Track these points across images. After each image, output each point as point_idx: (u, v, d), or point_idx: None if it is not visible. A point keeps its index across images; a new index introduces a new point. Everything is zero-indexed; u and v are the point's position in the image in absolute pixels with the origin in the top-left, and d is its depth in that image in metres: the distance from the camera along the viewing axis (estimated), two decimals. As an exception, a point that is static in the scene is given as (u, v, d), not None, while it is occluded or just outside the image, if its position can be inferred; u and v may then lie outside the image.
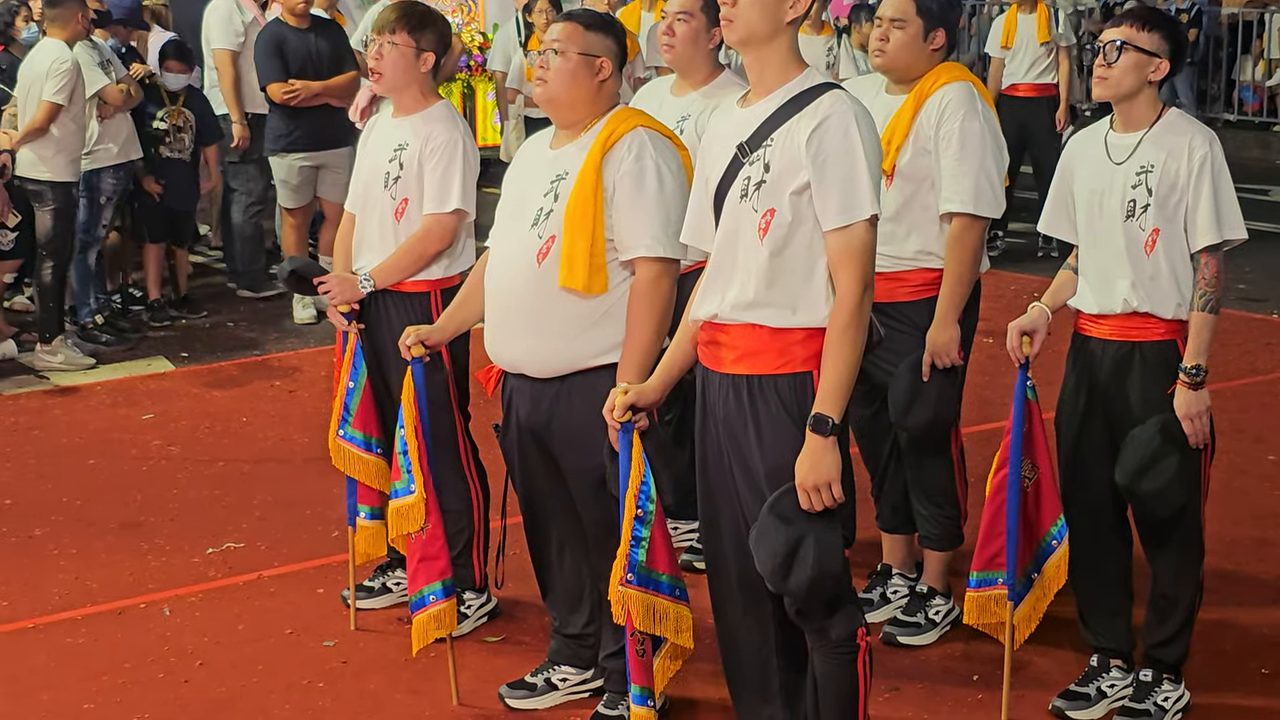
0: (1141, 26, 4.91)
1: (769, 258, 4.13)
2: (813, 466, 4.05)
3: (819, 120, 4.07)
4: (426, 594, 5.23)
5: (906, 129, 5.46)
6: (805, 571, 4.05)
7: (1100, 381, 5.02)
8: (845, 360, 4.05)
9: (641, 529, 4.40)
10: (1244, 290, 10.70)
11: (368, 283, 5.69)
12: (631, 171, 4.69)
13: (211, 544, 6.76)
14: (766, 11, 4.13)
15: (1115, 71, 4.90)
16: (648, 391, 4.47)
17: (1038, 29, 12.32)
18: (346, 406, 5.69)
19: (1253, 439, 7.70)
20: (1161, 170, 4.85)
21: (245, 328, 10.65)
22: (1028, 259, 11.43)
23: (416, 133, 5.72)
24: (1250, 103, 18.75)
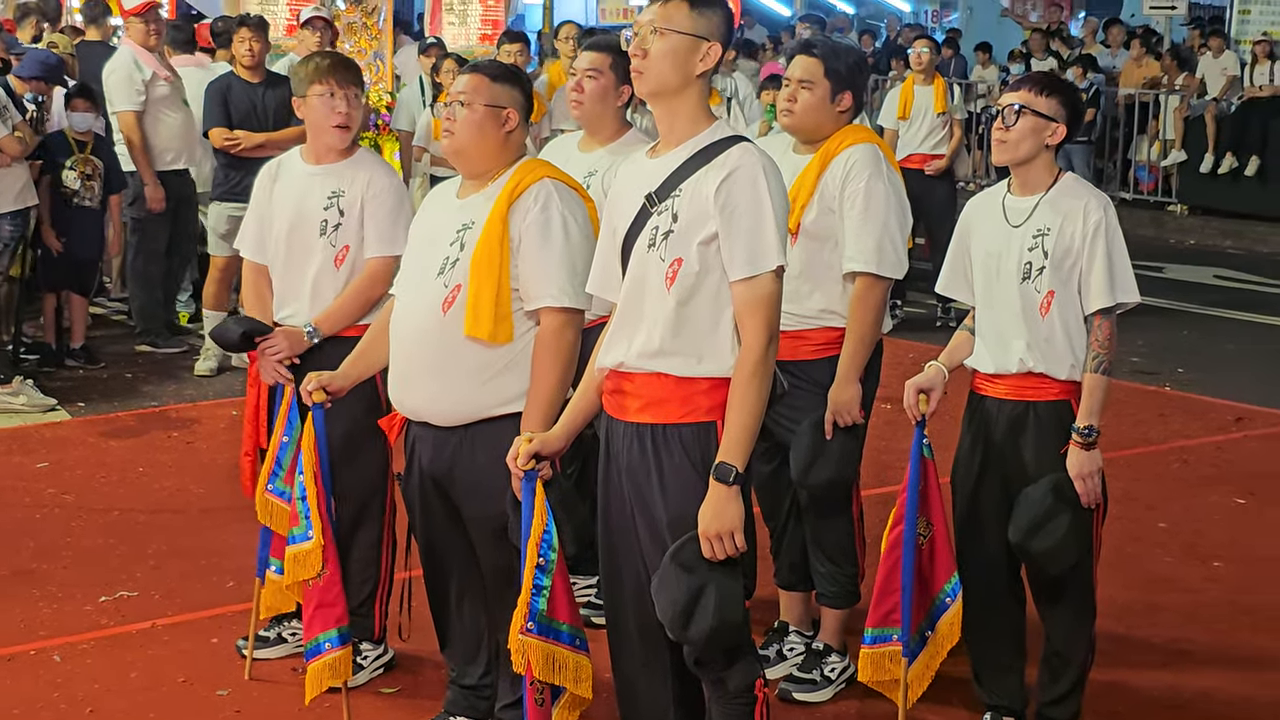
0: (1039, 91, 5.00)
1: (675, 307, 4.16)
2: (715, 515, 4.06)
3: (727, 171, 4.11)
4: (322, 641, 5.19)
5: (812, 188, 5.51)
6: (706, 620, 4.06)
7: (995, 440, 5.09)
8: (750, 410, 4.08)
9: (543, 578, 4.39)
10: (1137, 363, 10.89)
11: (315, 333, 5.66)
12: (537, 221, 4.71)
13: (105, 592, 6.68)
14: (677, 64, 4.18)
15: (1013, 135, 4.98)
16: (551, 440, 4.47)
17: (934, 100, 12.55)
18: (279, 460, 5.57)
19: (1145, 506, 7.81)
20: (1058, 234, 4.92)
21: (143, 378, 10.54)
22: (926, 328, 11.55)
23: (353, 179, 5.72)
24: (1145, 182, 19.10)
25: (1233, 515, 7.93)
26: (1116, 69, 19.76)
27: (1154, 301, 13.36)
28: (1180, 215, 18.40)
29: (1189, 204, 18.39)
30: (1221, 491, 8.28)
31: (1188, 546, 7.39)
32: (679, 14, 4.18)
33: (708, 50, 4.19)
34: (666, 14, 4.19)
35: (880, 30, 27.19)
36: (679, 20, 4.18)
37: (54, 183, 10.35)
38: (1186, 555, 7.28)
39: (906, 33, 24.24)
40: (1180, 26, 21.73)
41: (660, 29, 4.18)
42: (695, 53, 4.18)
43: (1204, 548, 7.38)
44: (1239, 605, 6.70)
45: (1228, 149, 17.70)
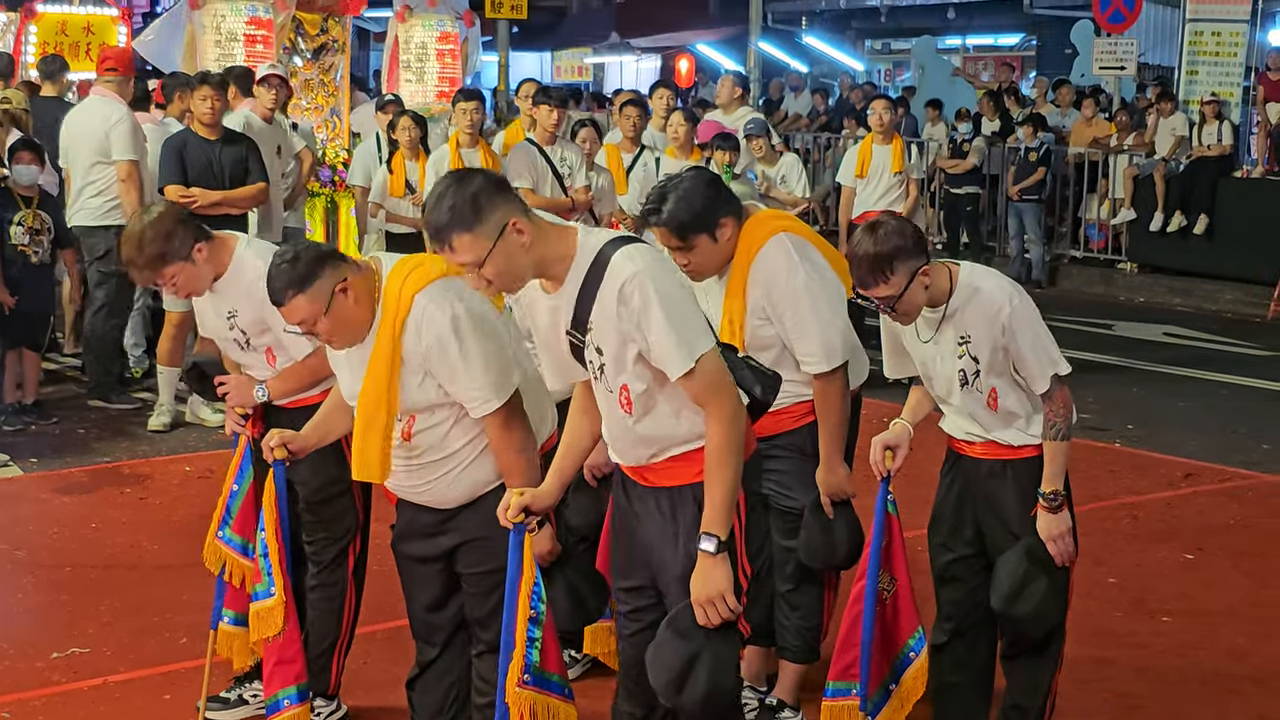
0: (882, 277, 4.88)
1: (640, 424, 4.34)
2: (704, 582, 4.19)
3: (617, 290, 4.18)
4: (281, 698, 5.21)
5: (742, 309, 5.42)
6: (699, 687, 4.18)
7: (976, 491, 5.17)
8: (727, 482, 4.22)
9: (535, 630, 4.47)
10: (1087, 419, 10.95)
11: (263, 391, 5.68)
12: (433, 344, 4.67)
13: (57, 649, 6.65)
14: (511, 262, 4.23)
15: (903, 310, 4.96)
16: (542, 495, 4.57)
17: (892, 159, 12.68)
18: (228, 508, 5.63)
19: (1094, 562, 7.87)
20: (978, 341, 4.96)
21: (96, 434, 10.52)
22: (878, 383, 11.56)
23: (236, 299, 5.67)
24: (1096, 240, 19.25)
25: (1182, 570, 8.00)
26: (1066, 128, 19.96)
27: (1104, 359, 13.51)
28: (1130, 273, 18.56)
29: (1138, 262, 18.55)
30: (1171, 547, 8.35)
31: (1137, 601, 7.45)
32: (468, 242, 4.20)
33: (514, 227, 4.20)
34: (463, 250, 4.21)
35: (834, 89, 27.36)
36: (475, 246, 4.20)
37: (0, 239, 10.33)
38: (1136, 610, 7.34)
39: (857, 92, 24.41)
40: (1131, 83, 21.98)
41: (474, 263, 4.21)
42: (510, 243, 4.20)
43: (1153, 602, 7.44)
44: (1188, 659, 6.76)
45: (1176, 208, 17.88)
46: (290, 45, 15.33)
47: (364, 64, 27.98)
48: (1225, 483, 9.73)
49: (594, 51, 35.46)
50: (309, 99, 15.60)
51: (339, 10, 16.13)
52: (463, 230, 4.18)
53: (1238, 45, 19.60)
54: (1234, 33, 19.58)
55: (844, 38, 34.17)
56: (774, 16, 31.78)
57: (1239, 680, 6.56)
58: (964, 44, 33.48)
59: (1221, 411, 11.94)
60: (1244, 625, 7.17)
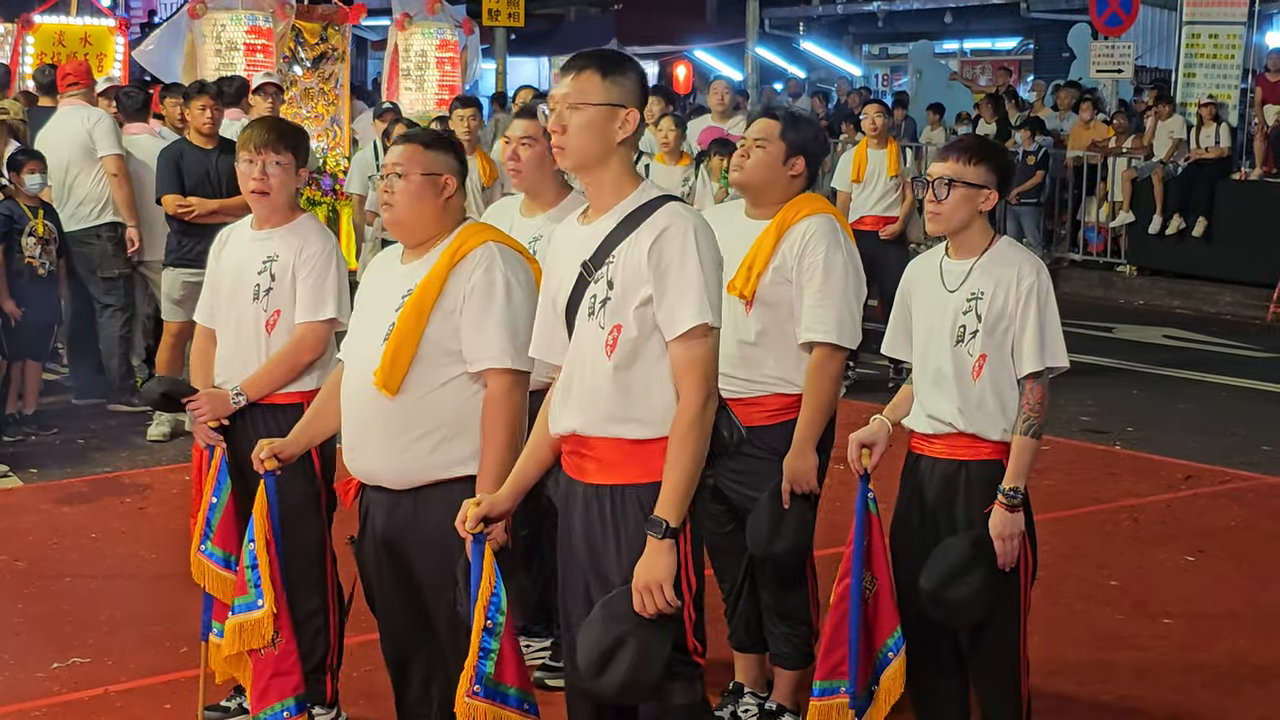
0: (968, 160, 5.01)
1: (616, 372, 4.21)
2: (646, 567, 4.11)
3: (658, 233, 4.16)
4: (279, 710, 5.15)
5: (768, 257, 5.52)
6: (618, 673, 4.10)
7: (929, 498, 5.10)
8: (686, 466, 4.13)
9: (490, 640, 4.38)
10: (1087, 422, 10.98)
11: (240, 397, 5.68)
12: (481, 284, 4.71)
13: (57, 659, 6.65)
14: (596, 135, 4.23)
15: (946, 207, 5.00)
16: (499, 502, 4.48)
17: (888, 164, 12.70)
18: (209, 522, 5.59)
19: (1095, 565, 7.87)
20: (990, 298, 4.95)
21: (96, 444, 10.52)
22: (879, 389, 11.59)
23: (287, 245, 5.75)
24: (1094, 243, 19.26)
25: (1182, 572, 8.00)
26: (1065, 132, 19.97)
27: (1104, 361, 13.51)
28: (1129, 276, 18.57)
29: (1137, 265, 18.56)
30: (1171, 549, 8.35)
31: (1138, 604, 7.45)
32: (592, 86, 4.22)
33: (625, 117, 4.23)
34: (580, 87, 4.23)
35: (832, 94, 27.40)
36: (593, 92, 4.22)
37: (8, 250, 10.33)
38: (1137, 612, 7.34)
39: (854, 97, 24.42)
40: (1129, 86, 21.99)
41: (575, 103, 4.22)
42: (613, 121, 4.22)
43: (1154, 605, 7.44)
44: (1190, 661, 6.76)
45: (1175, 210, 17.89)
46: (290, 54, 15.37)
47: (362, 72, 27.98)
48: (1226, 484, 9.73)
49: (592, 58, 35.41)
50: (309, 107, 15.64)
51: (338, 19, 16.17)
52: (599, 73, 4.21)
53: (1235, 47, 19.60)
54: (1231, 35, 19.58)
55: (841, 43, 34.21)
56: (771, 22, 31.84)
57: (1241, 682, 6.55)
58: (961, 48, 33.53)
59: (1221, 413, 11.94)
60: (1245, 627, 7.16)
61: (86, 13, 17.46)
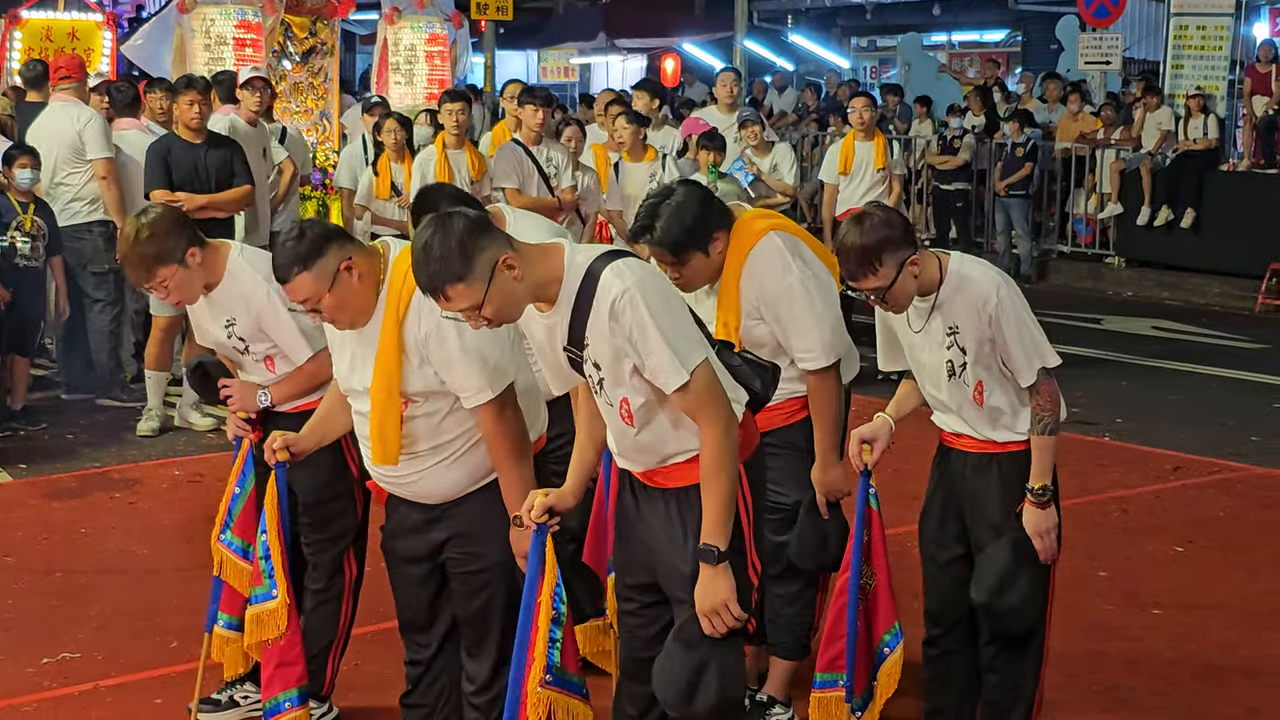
0: (872, 270, 4.86)
1: (643, 432, 4.36)
2: (707, 593, 4.23)
3: (608, 311, 4.18)
4: (281, 701, 5.21)
5: (737, 307, 5.42)
6: (709, 697, 4.23)
7: (962, 487, 5.16)
8: (723, 494, 4.24)
9: (556, 630, 4.47)
10: (1077, 413, 10.96)
11: (265, 396, 5.70)
12: (432, 332, 4.67)
13: (47, 654, 6.64)
14: (508, 301, 4.22)
15: (893, 303, 4.94)
16: (565, 496, 4.58)
17: (875, 156, 12.70)
18: (230, 511, 5.64)
19: (1085, 555, 7.88)
20: (964, 331, 4.96)
21: (85, 439, 10.51)
22: (868, 380, 11.55)
23: (233, 304, 5.66)
24: (1083, 235, 19.28)
25: (1172, 563, 8.02)
26: (1053, 124, 19.98)
27: (1093, 353, 13.54)
28: (1118, 268, 18.59)
29: (1126, 256, 18.58)
30: (1160, 540, 8.37)
31: (1128, 594, 7.47)
32: (463, 292, 4.17)
33: (505, 263, 4.17)
34: (458, 299, 4.18)
35: (821, 86, 27.37)
36: (470, 294, 4.16)
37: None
38: (1126, 603, 7.36)
39: (844, 90, 24.41)
40: (1117, 78, 22.01)
41: (471, 309, 4.19)
42: (502, 279, 4.18)
43: (1144, 595, 7.45)
44: (1179, 652, 6.78)
45: (1163, 202, 17.91)
46: (279, 48, 15.34)
47: (350, 67, 27.96)
48: (1214, 475, 9.75)
49: (580, 52, 35.45)
50: (298, 102, 15.61)
51: (327, 13, 16.14)
52: (455, 280, 4.16)
53: (1222, 39, 19.62)
54: (1219, 26, 19.60)
55: (830, 35, 34.21)
56: (760, 15, 31.80)
57: (1230, 672, 6.57)
58: (949, 40, 33.55)
59: (1210, 404, 11.97)
60: (1234, 618, 7.18)
61: (74, 7, 17.42)
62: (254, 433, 5.69)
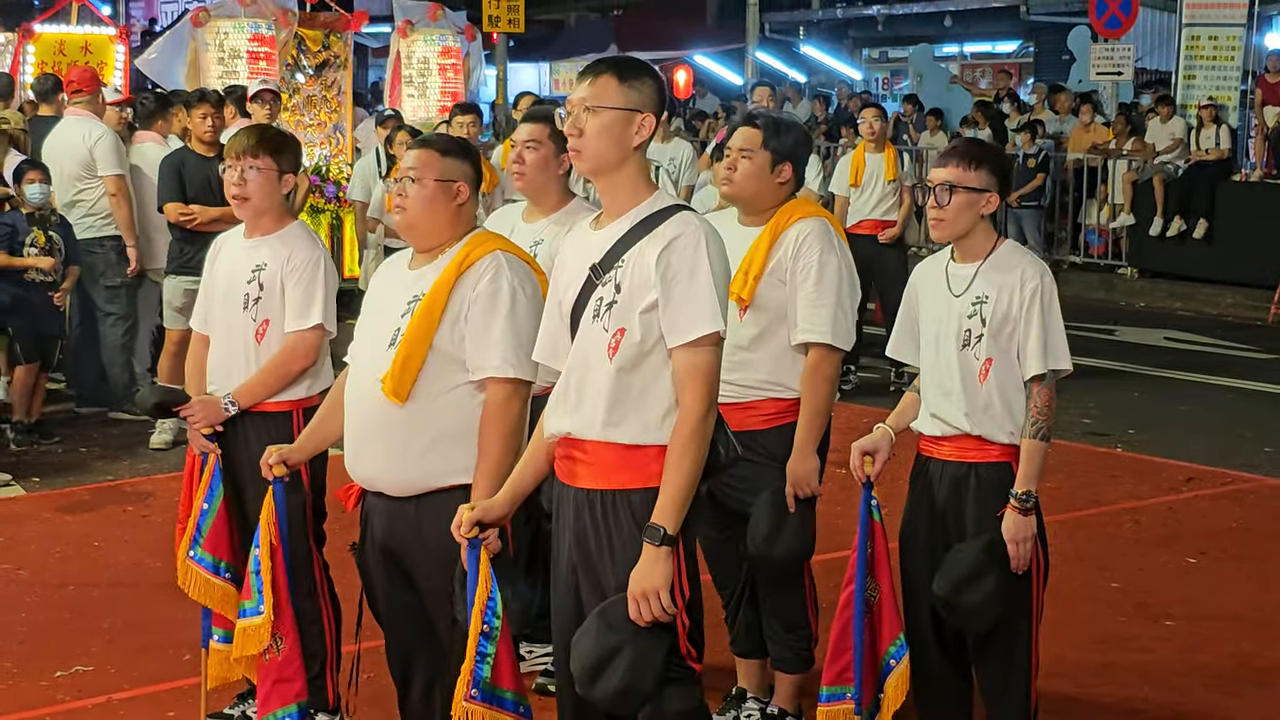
0: (968, 165, 5.01)
1: (617, 375, 4.20)
2: (643, 575, 4.10)
3: (668, 240, 4.16)
4: (281, 716, 5.18)
5: (763, 261, 5.52)
6: (613, 681, 4.09)
7: (938, 501, 5.11)
8: (685, 475, 4.12)
9: (487, 645, 4.40)
10: (1089, 425, 10.98)
11: (231, 405, 5.70)
12: (486, 293, 4.71)
13: (60, 667, 6.66)
14: (613, 140, 4.24)
15: (949, 213, 5.01)
16: (494, 508, 4.48)
17: (886, 167, 12.70)
18: (199, 527, 5.61)
19: (1097, 567, 7.87)
20: (995, 302, 4.96)
21: (98, 453, 10.53)
22: (879, 393, 11.61)
23: (275, 253, 5.75)
24: (1095, 245, 19.28)
25: (1184, 574, 8.01)
26: (1065, 134, 19.97)
27: (1105, 364, 13.52)
28: (1130, 278, 18.58)
29: (1139, 267, 18.59)
30: (1173, 551, 8.36)
31: (1140, 605, 7.46)
32: (610, 89, 4.24)
33: (642, 122, 4.24)
34: (598, 91, 4.24)
35: (832, 98, 27.41)
36: (611, 96, 4.23)
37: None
38: (1139, 614, 7.35)
39: (854, 101, 24.43)
40: (1130, 87, 22.01)
41: (593, 106, 4.23)
42: (630, 126, 4.23)
43: (1156, 607, 7.44)
44: (1191, 663, 6.76)
45: (1175, 212, 17.91)
46: (293, 61, 15.40)
47: (363, 80, 28.01)
48: (1227, 486, 9.73)
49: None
50: (311, 115, 15.66)
51: (340, 27, 16.19)
52: (616, 77, 4.22)
53: (1235, 49, 19.62)
54: (1231, 36, 19.60)
55: (841, 47, 34.21)
56: (771, 27, 31.86)
57: (1242, 684, 6.56)
58: (961, 51, 33.53)
59: (1223, 415, 11.95)
60: (1247, 629, 7.17)
61: (87, 21, 17.50)
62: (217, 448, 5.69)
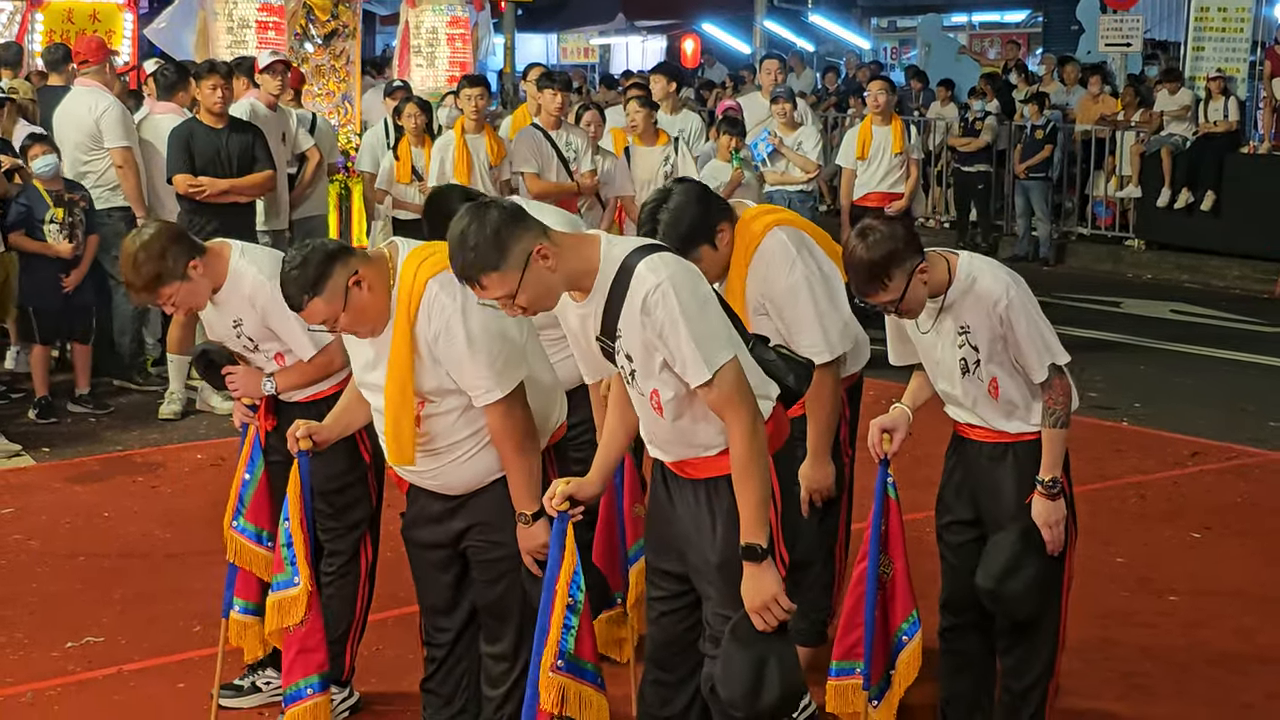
0: (883, 283, 4.89)
1: (674, 423, 4.41)
2: (754, 590, 4.29)
3: (640, 300, 4.23)
4: (303, 687, 5.24)
5: (742, 302, 5.45)
6: (774, 692, 4.31)
7: (977, 474, 5.21)
8: (757, 491, 4.30)
9: (572, 618, 4.52)
10: (1095, 398, 11.01)
11: (269, 384, 5.74)
12: (442, 333, 4.72)
13: (71, 638, 6.71)
14: (542, 290, 4.29)
15: (908, 310, 4.99)
16: (587, 485, 4.64)
17: (892, 140, 12.74)
18: (241, 498, 5.69)
19: (1101, 541, 7.90)
20: (976, 330, 4.99)
21: (108, 423, 10.57)
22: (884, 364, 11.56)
23: (239, 304, 5.69)
24: (1103, 217, 19.25)
25: (1189, 549, 8.04)
26: (1073, 106, 19.94)
27: (1112, 336, 13.52)
28: (1137, 250, 18.57)
29: (1146, 239, 18.56)
30: (1178, 526, 8.39)
31: (1144, 580, 7.49)
32: (498, 281, 4.24)
33: (539, 254, 4.23)
34: (496, 288, 4.25)
35: (840, 67, 27.34)
36: (504, 283, 4.24)
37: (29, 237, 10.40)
38: (1142, 589, 7.38)
39: (863, 72, 24.39)
40: (1139, 58, 21.97)
41: (508, 295, 4.26)
42: (539, 269, 4.24)
43: (1160, 582, 7.48)
44: (1195, 638, 6.81)
45: (1183, 184, 17.88)
46: (301, 31, 15.36)
47: (371, 48, 27.98)
48: (1232, 461, 9.76)
49: (600, 33, 35.45)
50: (320, 85, 15.62)
51: (349, -4, 16.15)
52: (489, 269, 4.23)
53: (1244, 21, 19.56)
54: (1240, 8, 19.53)
55: (850, 16, 34.14)
56: (780, -5, 31.78)
57: (1246, 660, 6.60)
58: (970, 21, 33.44)
59: (1229, 389, 11.96)
60: (1251, 604, 7.21)
61: (96, -12, 17.47)
62: (262, 420, 5.74)
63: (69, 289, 10.57)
